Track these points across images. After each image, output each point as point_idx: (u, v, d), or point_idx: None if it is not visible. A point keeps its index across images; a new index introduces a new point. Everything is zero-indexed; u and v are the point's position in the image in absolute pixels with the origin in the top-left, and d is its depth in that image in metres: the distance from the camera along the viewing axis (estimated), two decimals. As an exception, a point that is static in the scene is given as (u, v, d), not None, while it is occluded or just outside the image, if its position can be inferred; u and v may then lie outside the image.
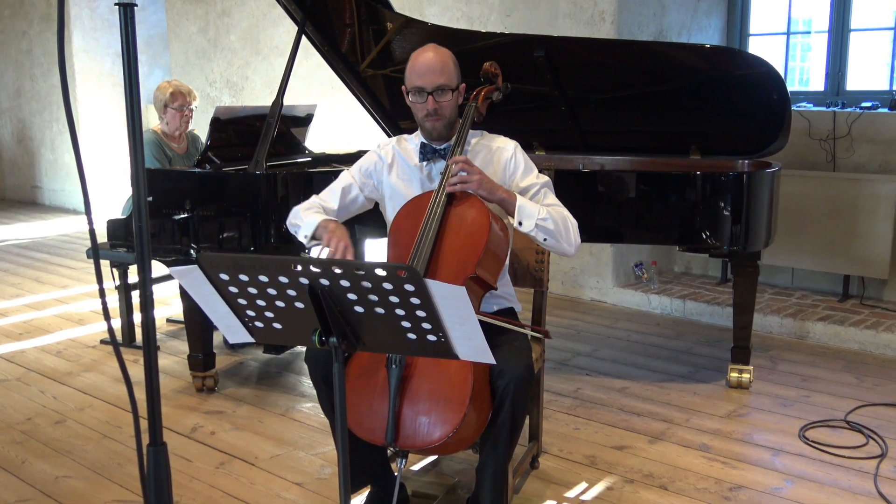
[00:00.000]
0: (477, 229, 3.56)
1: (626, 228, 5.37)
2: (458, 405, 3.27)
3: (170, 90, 6.44)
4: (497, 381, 3.38)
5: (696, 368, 5.99)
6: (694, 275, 8.16)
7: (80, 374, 6.04)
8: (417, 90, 3.72)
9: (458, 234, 3.58)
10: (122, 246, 5.95)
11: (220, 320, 2.67)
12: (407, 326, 2.47)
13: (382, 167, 3.99)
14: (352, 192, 4.02)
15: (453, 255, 3.55)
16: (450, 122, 3.80)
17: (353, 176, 4.04)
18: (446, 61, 3.72)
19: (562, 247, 3.70)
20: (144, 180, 2.55)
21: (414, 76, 3.72)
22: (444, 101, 3.72)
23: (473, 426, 3.34)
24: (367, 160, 4.05)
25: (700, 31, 7.96)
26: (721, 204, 5.13)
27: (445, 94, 3.71)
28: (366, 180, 4.02)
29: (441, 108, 3.72)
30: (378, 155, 4.02)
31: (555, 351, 6.31)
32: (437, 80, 3.68)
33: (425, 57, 3.72)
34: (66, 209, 13.96)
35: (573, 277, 7.98)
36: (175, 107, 6.43)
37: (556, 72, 5.69)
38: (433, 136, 3.82)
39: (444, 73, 3.69)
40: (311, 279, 2.40)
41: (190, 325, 5.55)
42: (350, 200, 4.03)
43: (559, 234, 3.66)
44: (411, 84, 3.74)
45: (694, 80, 5.57)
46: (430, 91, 3.69)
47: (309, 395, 5.49)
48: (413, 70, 3.73)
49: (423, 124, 3.81)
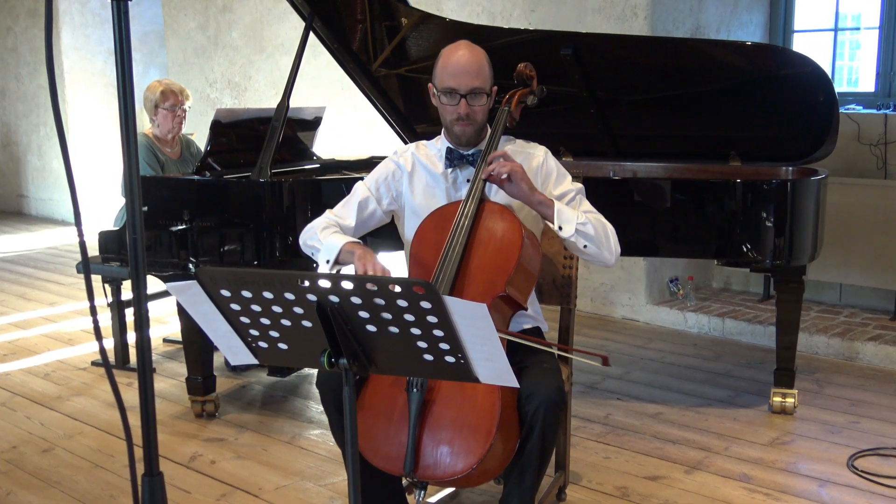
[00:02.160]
0: (508, 244, 3.55)
1: (661, 241, 5.37)
2: (483, 434, 3.26)
3: (160, 89, 6.47)
4: (526, 406, 3.36)
5: (736, 392, 5.97)
6: (734, 291, 8.14)
7: (70, 398, 6.05)
8: (449, 91, 3.68)
9: (487, 249, 3.57)
10: (115, 260, 5.95)
11: (220, 340, 2.67)
12: (423, 347, 2.47)
13: (402, 176, 3.95)
14: (369, 206, 3.95)
15: (482, 271, 3.53)
16: (480, 128, 3.78)
17: (370, 188, 3.97)
18: (482, 62, 3.70)
19: (602, 255, 3.69)
20: (139, 188, 2.55)
21: (446, 76, 3.68)
22: (478, 106, 3.70)
23: (499, 456, 3.33)
24: (383, 170, 4.00)
25: (740, 27, 7.96)
26: (763, 214, 5.12)
27: (480, 97, 3.69)
28: (384, 192, 3.96)
29: (473, 113, 3.70)
30: (396, 163, 3.97)
31: (583, 373, 6.29)
32: (472, 83, 3.65)
33: (459, 55, 3.68)
34: (55, 220, 14.01)
35: (603, 294, 7.97)
36: (166, 107, 6.45)
37: (584, 71, 5.70)
38: (461, 142, 3.80)
39: (479, 74, 3.66)
40: (319, 296, 2.40)
41: (188, 346, 5.56)
42: (368, 216, 3.96)
43: (600, 240, 3.65)
44: (443, 84, 3.69)
45: (734, 80, 5.57)
46: (463, 94, 3.66)
47: (317, 422, 5.49)
48: (445, 69, 3.69)
49: (451, 128, 3.78)
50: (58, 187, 13.96)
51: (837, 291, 7.57)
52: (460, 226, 3.57)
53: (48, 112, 13.60)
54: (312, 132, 6.68)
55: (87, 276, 2.59)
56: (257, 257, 5.20)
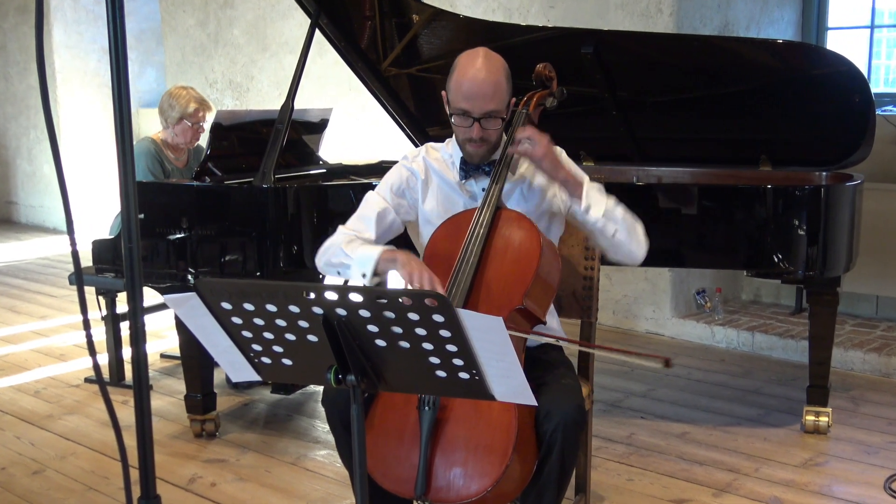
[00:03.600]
0: (526, 253, 3.53)
1: (687, 250, 5.37)
2: (499, 455, 3.24)
3: (193, 105, 6.39)
4: (544, 425, 3.34)
5: (766, 411, 5.97)
6: (764, 304, 8.13)
7: (62, 417, 6.06)
8: (462, 113, 3.62)
9: (503, 259, 3.55)
10: (110, 270, 5.95)
11: (221, 356, 2.68)
12: (436, 363, 2.47)
13: (416, 183, 3.91)
14: (388, 216, 3.88)
15: (498, 283, 3.52)
16: (493, 148, 3.73)
17: (385, 197, 3.90)
18: (499, 81, 3.61)
19: (632, 245, 3.67)
20: (135, 195, 2.56)
21: (460, 97, 3.61)
22: (492, 130, 3.65)
23: (516, 479, 3.32)
24: (396, 177, 3.94)
25: (771, 24, 7.96)
26: (795, 222, 5.12)
27: (494, 121, 3.63)
28: (400, 200, 3.91)
29: (487, 136, 3.65)
30: (409, 169, 3.93)
31: (605, 391, 6.29)
32: (487, 106, 3.59)
33: (474, 75, 3.58)
34: (46, 228, 14.04)
35: (626, 306, 7.97)
36: (192, 122, 6.44)
37: (606, 71, 5.70)
38: (474, 161, 3.75)
39: (495, 97, 3.59)
40: (325, 309, 2.40)
41: (187, 362, 5.57)
42: (387, 227, 3.88)
43: (629, 228, 3.63)
44: (456, 105, 3.63)
45: (764, 80, 5.57)
46: (477, 117, 3.60)
47: (323, 442, 5.49)
48: (459, 89, 3.61)
49: (463, 147, 3.74)
50: (49, 194, 13.97)
51: (874, 304, 7.55)
52: (475, 235, 3.55)
53: (39, 114, 13.58)
54: (318, 135, 6.69)
55: (80, 287, 2.60)
56: (260, 268, 5.20)
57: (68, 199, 2.48)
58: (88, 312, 2.57)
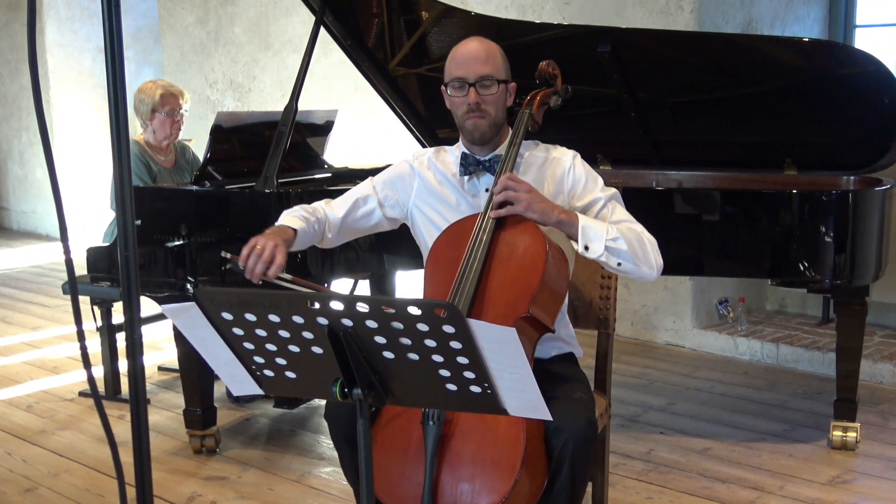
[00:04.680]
0: (531, 260, 3.53)
1: (709, 258, 5.37)
2: (507, 470, 3.25)
3: (158, 92, 6.44)
4: (553, 440, 3.34)
5: (791, 426, 5.96)
6: (789, 314, 8.12)
7: (55, 432, 6.07)
8: (457, 81, 3.70)
9: (507, 266, 3.55)
10: (105, 279, 5.94)
11: (222, 368, 2.68)
12: (446, 376, 2.47)
13: (412, 180, 3.97)
14: (367, 203, 3.98)
15: (502, 291, 3.52)
16: (495, 123, 3.77)
17: (375, 186, 4.00)
18: (492, 50, 3.73)
19: (641, 271, 3.63)
20: (132, 200, 2.57)
21: (453, 66, 3.73)
22: (489, 95, 3.70)
23: (526, 494, 3.31)
24: (395, 170, 4.03)
25: (796, 21, 7.96)
26: (822, 228, 5.12)
27: (490, 86, 3.70)
28: (388, 192, 3.98)
29: (485, 104, 3.70)
30: (410, 166, 4.00)
31: (623, 405, 6.29)
32: (481, 70, 3.68)
33: (467, 45, 3.74)
34: (38, 235, 14.06)
35: (645, 317, 7.97)
36: (165, 112, 6.43)
37: (624, 71, 5.70)
38: (475, 138, 3.78)
39: (489, 61, 3.70)
40: (331, 319, 2.41)
41: (186, 375, 5.57)
42: (362, 214, 3.98)
43: (636, 255, 3.60)
44: (451, 75, 3.73)
45: (789, 80, 5.57)
46: (471, 82, 3.67)
47: (328, 458, 5.49)
48: (453, 60, 3.74)
49: (463, 124, 3.78)
50: (42, 199, 14.00)
51: (905, 314, 7.55)
52: (477, 241, 3.56)
53: (31, 116, 13.61)
54: (323, 138, 6.70)
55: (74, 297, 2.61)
56: (262, 276, 5.20)
57: (62, 204, 2.49)
58: (83, 323, 2.57)
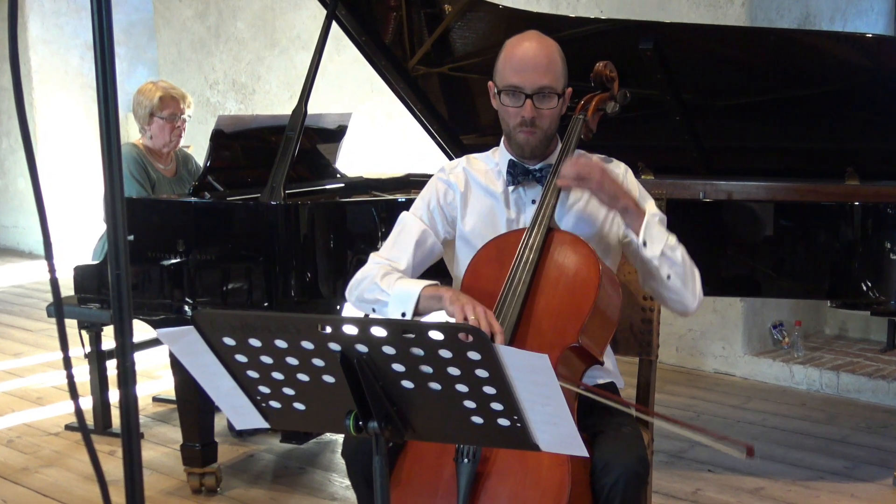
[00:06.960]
0: (582, 283, 3.49)
1: (761, 278, 5.36)
2: (549, 515, 3.22)
3: (157, 94, 6.45)
4: (602, 479, 3.30)
5: (853, 463, 5.94)
6: (851, 339, 8.10)
7: (39, 469, 6.08)
8: (513, 90, 3.65)
9: (556, 289, 3.52)
10: (94, 301, 5.94)
11: (223, 399, 2.68)
12: (471, 407, 2.46)
13: (455, 198, 3.90)
14: (427, 241, 3.87)
15: (549, 317, 3.49)
16: (547, 137, 3.75)
17: (422, 218, 3.89)
18: (553, 56, 3.67)
19: (685, 294, 3.63)
20: (124, 213, 2.56)
21: (509, 71, 3.66)
22: (546, 110, 3.66)
23: (569, 543, 3.29)
24: (432, 192, 3.94)
25: (859, 15, 7.94)
26: (887, 244, 5.10)
27: (549, 99, 3.66)
28: (438, 219, 3.90)
29: (541, 118, 3.66)
30: (446, 182, 3.93)
31: (666, 440, 6.25)
32: (541, 81, 3.62)
33: (526, 47, 3.66)
34: (20, 251, 14.12)
35: (691, 342, 7.95)
36: (164, 116, 6.45)
37: (668, 70, 5.70)
38: (524, 153, 3.76)
39: (550, 71, 3.64)
40: (344, 345, 2.40)
41: (184, 406, 5.56)
42: (426, 254, 3.88)
43: (686, 274, 3.60)
44: (505, 81, 3.67)
45: (851, 80, 5.56)
46: (529, 93, 3.62)
47: (342, 498, 5.49)
48: (509, 63, 3.67)
49: (513, 136, 3.74)
50: (24, 212, 14.05)
51: (980, 340, 7.53)
52: (524, 259, 3.52)
53: (12, 119, 13.68)
54: (336, 144, 6.71)
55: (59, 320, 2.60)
56: (268, 298, 5.21)
57: (46, 218, 2.49)
58: (70, 349, 2.57)
